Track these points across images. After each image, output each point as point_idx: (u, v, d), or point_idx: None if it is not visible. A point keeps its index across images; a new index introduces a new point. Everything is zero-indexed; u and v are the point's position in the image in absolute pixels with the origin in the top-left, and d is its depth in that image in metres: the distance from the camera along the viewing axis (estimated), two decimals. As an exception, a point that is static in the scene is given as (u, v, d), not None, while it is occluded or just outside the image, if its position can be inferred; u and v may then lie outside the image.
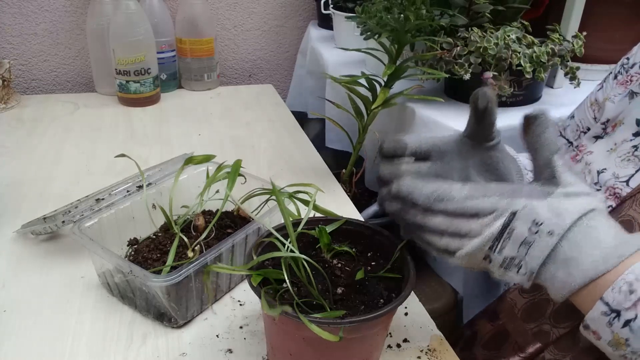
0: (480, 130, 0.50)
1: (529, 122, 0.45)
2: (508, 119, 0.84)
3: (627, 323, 0.38)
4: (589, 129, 0.65)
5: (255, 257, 0.47)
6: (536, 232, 0.41)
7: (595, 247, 0.40)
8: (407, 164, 0.52)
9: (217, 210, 0.61)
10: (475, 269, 0.46)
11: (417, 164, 0.53)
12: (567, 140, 0.69)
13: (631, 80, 0.60)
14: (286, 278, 0.45)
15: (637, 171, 0.53)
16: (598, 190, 0.56)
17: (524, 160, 0.64)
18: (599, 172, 0.57)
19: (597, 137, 0.61)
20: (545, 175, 0.44)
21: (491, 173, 0.52)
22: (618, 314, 0.38)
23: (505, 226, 0.42)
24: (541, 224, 0.41)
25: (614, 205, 0.53)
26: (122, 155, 0.62)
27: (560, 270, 0.41)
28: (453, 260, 0.45)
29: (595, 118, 0.64)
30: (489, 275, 0.46)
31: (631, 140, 0.55)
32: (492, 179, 0.53)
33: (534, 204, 0.41)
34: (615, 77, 0.63)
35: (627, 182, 0.53)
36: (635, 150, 0.54)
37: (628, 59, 0.63)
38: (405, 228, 0.48)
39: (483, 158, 0.52)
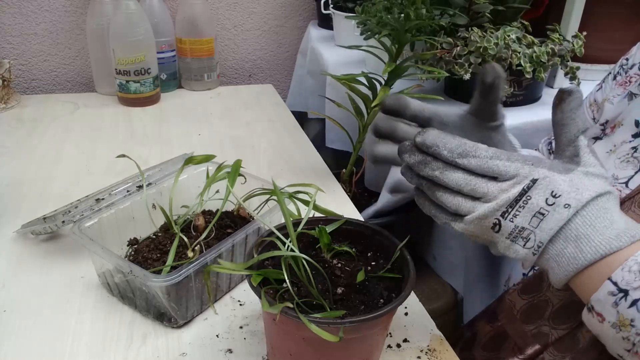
0: (485, 107, 0.50)
1: (562, 98, 0.45)
2: (508, 119, 0.84)
3: (634, 303, 0.38)
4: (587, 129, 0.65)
5: (255, 256, 0.47)
6: (552, 204, 0.40)
7: (608, 227, 0.40)
8: (405, 124, 0.52)
9: (217, 210, 0.61)
10: (479, 239, 0.45)
11: (416, 128, 0.52)
12: None
13: (630, 81, 0.60)
14: (286, 278, 0.45)
15: (636, 173, 0.53)
16: None
17: (525, 153, 0.64)
18: None
19: (596, 139, 0.61)
20: (567, 153, 0.44)
21: None
22: (626, 293, 0.38)
23: (522, 193, 0.41)
24: (559, 196, 0.40)
25: None
26: (123, 155, 0.62)
27: (570, 246, 0.40)
28: (460, 226, 0.44)
29: (594, 119, 0.64)
30: (488, 276, 0.46)
31: (630, 141, 0.55)
32: None
33: (554, 176, 0.41)
34: (614, 77, 0.63)
35: (626, 183, 0.53)
36: (635, 151, 0.54)
37: (627, 59, 0.63)
38: (418, 186, 0.46)
39: (483, 137, 0.51)
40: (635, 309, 0.38)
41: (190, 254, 0.57)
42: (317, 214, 0.56)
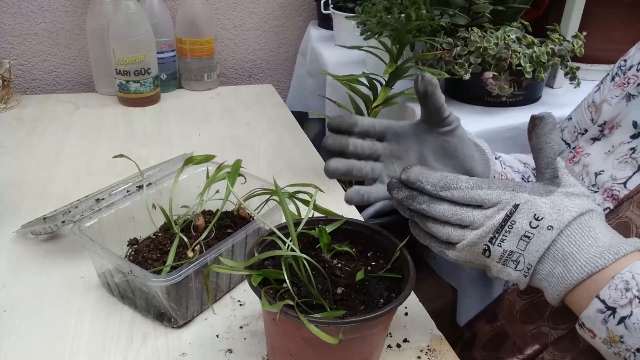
0: (429, 115, 0.52)
1: (535, 124, 0.46)
2: (508, 119, 0.84)
3: (622, 320, 0.38)
4: (586, 131, 0.65)
5: (256, 255, 0.47)
6: (536, 227, 0.42)
7: (592, 245, 0.41)
8: (356, 139, 0.54)
9: (217, 210, 0.61)
10: (474, 265, 0.46)
11: (371, 141, 0.55)
12: (565, 142, 0.69)
13: (628, 83, 0.60)
14: (286, 278, 0.45)
15: (634, 173, 0.53)
16: (595, 192, 0.56)
17: (507, 157, 0.65)
18: (596, 174, 0.57)
19: (594, 139, 0.61)
20: (547, 175, 0.45)
21: (449, 158, 0.55)
22: (613, 311, 0.39)
23: (506, 218, 0.43)
24: (542, 218, 0.42)
25: (611, 207, 0.53)
26: (121, 155, 0.62)
27: (558, 266, 0.42)
28: (453, 254, 0.45)
29: (592, 119, 0.64)
30: (488, 276, 0.46)
31: (628, 142, 0.55)
32: (450, 164, 0.55)
33: (535, 199, 0.43)
34: (613, 78, 0.63)
35: (624, 184, 0.53)
36: (633, 152, 0.54)
37: (625, 60, 0.63)
38: (411, 219, 0.48)
39: (439, 143, 0.54)
40: (623, 326, 0.38)
41: (190, 254, 0.57)
42: (317, 214, 0.56)
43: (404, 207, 0.48)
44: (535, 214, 0.42)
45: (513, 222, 0.42)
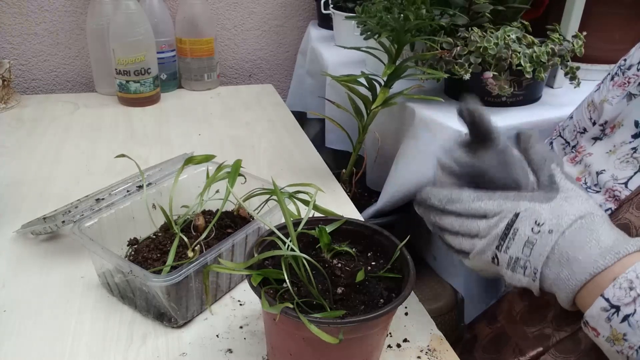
0: (478, 138, 0.53)
1: (520, 139, 0.51)
2: (508, 119, 0.84)
3: (625, 318, 0.39)
4: (585, 130, 0.65)
5: (256, 256, 0.47)
6: (538, 232, 0.43)
7: (594, 246, 0.42)
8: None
9: (217, 210, 0.61)
10: (488, 273, 0.49)
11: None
12: (565, 140, 0.69)
13: (629, 82, 0.60)
14: (286, 278, 0.45)
15: (635, 173, 0.53)
16: (597, 192, 0.56)
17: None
18: (598, 173, 0.57)
19: (595, 139, 0.61)
20: (545, 182, 0.48)
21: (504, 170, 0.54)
22: (617, 309, 0.40)
23: (509, 226, 0.45)
24: (542, 224, 0.43)
25: (613, 208, 0.53)
26: (122, 155, 0.62)
27: (564, 270, 0.43)
28: (468, 262, 0.49)
29: (590, 118, 0.65)
30: (490, 279, 0.47)
31: (630, 142, 0.55)
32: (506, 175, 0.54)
33: (536, 206, 0.45)
34: (612, 78, 0.63)
35: (625, 184, 0.53)
36: (634, 152, 0.54)
37: (625, 60, 0.63)
38: (433, 230, 0.52)
39: (496, 159, 0.54)
40: (627, 324, 0.39)
41: (190, 254, 0.57)
42: (317, 214, 0.56)
43: (429, 222, 0.52)
44: (536, 220, 0.44)
45: (516, 230, 0.44)
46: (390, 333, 0.57)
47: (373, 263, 0.52)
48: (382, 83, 0.83)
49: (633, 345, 0.39)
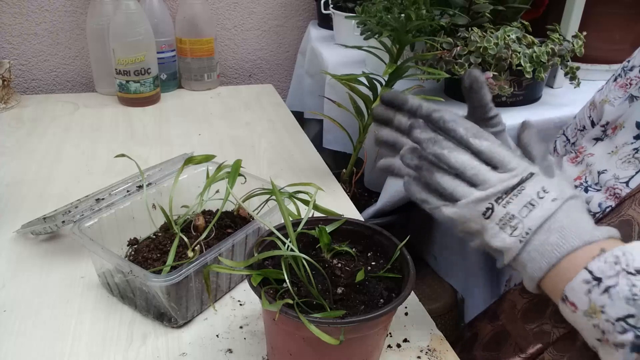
0: (473, 110, 0.52)
1: (524, 128, 0.51)
2: (508, 119, 0.83)
3: (607, 289, 0.39)
4: (584, 127, 0.66)
5: (255, 255, 0.47)
6: (542, 198, 0.43)
7: (587, 221, 0.44)
8: (401, 116, 0.53)
9: (217, 210, 0.61)
10: (465, 227, 0.46)
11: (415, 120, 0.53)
12: (567, 137, 0.70)
13: (630, 84, 0.61)
14: (286, 278, 0.45)
15: (637, 172, 0.53)
16: (598, 190, 0.56)
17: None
18: (599, 173, 0.57)
19: (597, 140, 0.61)
20: (543, 167, 0.48)
21: None
22: (599, 281, 0.39)
23: (520, 182, 0.44)
24: (548, 192, 0.44)
25: (613, 205, 0.53)
26: (122, 155, 0.62)
27: (553, 235, 0.43)
28: (451, 211, 0.45)
29: (589, 117, 0.65)
30: (489, 276, 0.46)
31: (632, 143, 0.55)
32: None
33: (544, 177, 0.45)
34: (615, 79, 0.64)
35: (627, 182, 0.54)
36: (636, 152, 0.54)
37: (629, 61, 0.63)
38: (416, 169, 0.48)
39: None
40: (607, 296, 0.39)
41: (190, 254, 0.57)
42: (317, 214, 0.56)
43: (414, 155, 0.47)
44: (544, 187, 0.44)
45: (522, 188, 0.44)
46: (390, 333, 0.57)
47: (373, 263, 0.52)
48: (383, 82, 0.83)
49: (610, 318, 0.38)
